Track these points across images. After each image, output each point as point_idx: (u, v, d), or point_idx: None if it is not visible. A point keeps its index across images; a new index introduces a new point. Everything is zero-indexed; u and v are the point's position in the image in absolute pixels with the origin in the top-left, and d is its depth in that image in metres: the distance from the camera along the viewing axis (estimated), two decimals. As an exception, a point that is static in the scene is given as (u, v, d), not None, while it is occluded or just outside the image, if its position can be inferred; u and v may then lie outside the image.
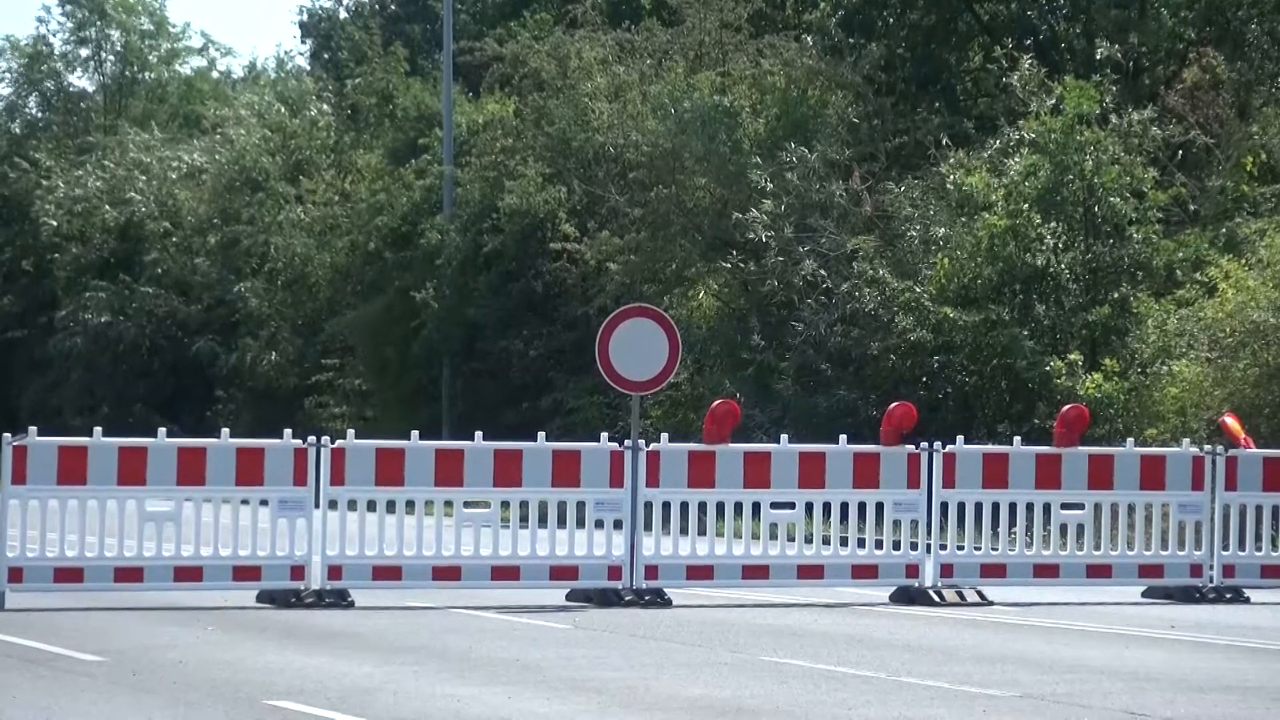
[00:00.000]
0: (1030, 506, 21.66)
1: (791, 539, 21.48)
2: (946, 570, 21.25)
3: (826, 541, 21.56)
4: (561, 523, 20.67)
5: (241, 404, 51.65)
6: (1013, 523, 21.61)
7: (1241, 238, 32.49)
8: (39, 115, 72.71)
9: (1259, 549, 22.05)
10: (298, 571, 19.57)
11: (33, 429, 20.03)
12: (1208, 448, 22.49)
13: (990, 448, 22.28)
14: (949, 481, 21.33)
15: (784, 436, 22.31)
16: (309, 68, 68.27)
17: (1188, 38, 39.93)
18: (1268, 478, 22.18)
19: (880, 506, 21.34)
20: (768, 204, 36.55)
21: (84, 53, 73.80)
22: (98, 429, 20.49)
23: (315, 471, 19.74)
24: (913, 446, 21.39)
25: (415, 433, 21.78)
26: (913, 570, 21.18)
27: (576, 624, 18.57)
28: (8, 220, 66.58)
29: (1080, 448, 22.28)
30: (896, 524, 21.37)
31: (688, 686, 14.13)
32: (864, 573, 21.34)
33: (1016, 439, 23.06)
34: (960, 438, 22.17)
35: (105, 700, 13.26)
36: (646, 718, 12.55)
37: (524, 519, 20.55)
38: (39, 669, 14.68)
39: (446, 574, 20.29)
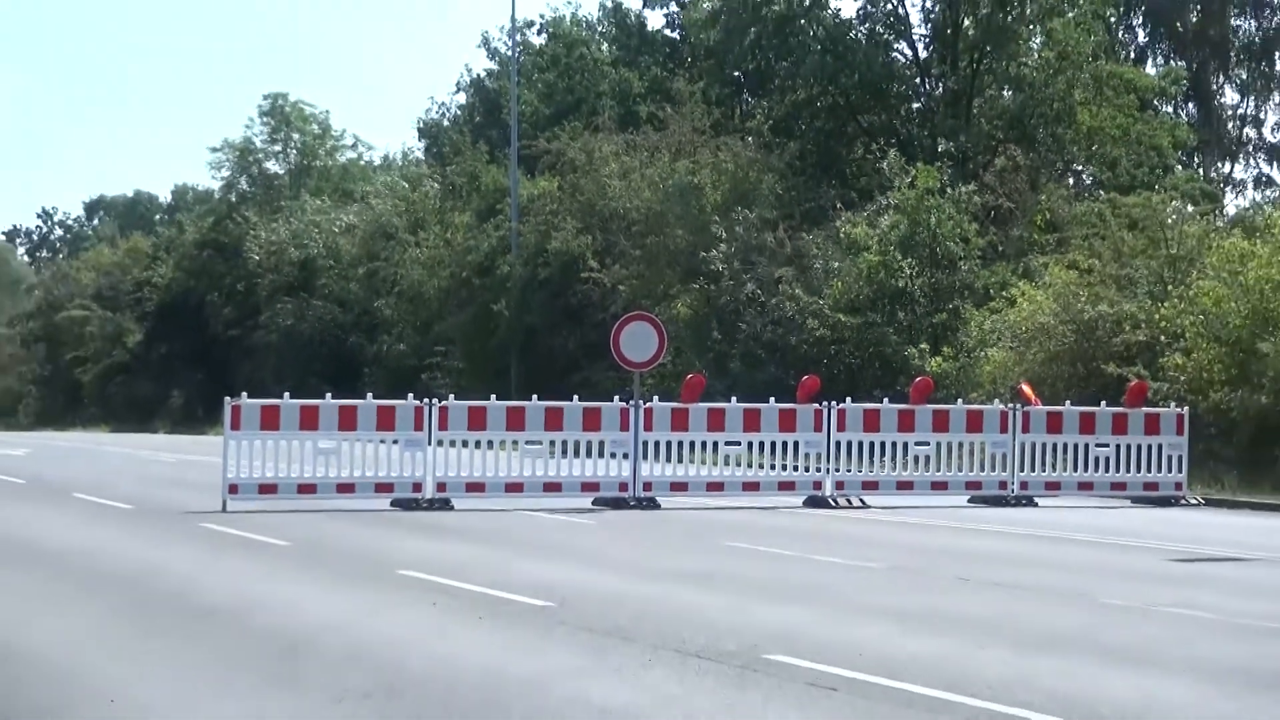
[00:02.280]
0: (895, 444, 21.63)
1: (739, 464, 21.52)
2: (840, 485, 21.18)
3: (762, 466, 21.56)
4: (589, 454, 20.64)
5: (379, 378, 51.55)
6: (883, 454, 21.60)
7: (1033, 269, 32.46)
8: (247, 189, 72.64)
9: (1044, 471, 22.08)
10: (417, 486, 19.59)
11: (244, 394, 20.13)
12: (1010, 405, 22.55)
13: (868, 405, 22.27)
14: (841, 427, 21.29)
15: (734, 398, 22.31)
16: (423, 157, 68.10)
17: (998, 138, 39.85)
18: (1049, 425, 22.20)
19: (796, 444, 21.33)
20: (723, 247, 36.48)
21: (276, 148, 73.77)
22: (286, 394, 20.60)
23: (428, 421, 19.76)
24: (817, 405, 21.43)
25: (493, 396, 21.88)
26: (818, 485, 21.19)
27: (599, 521, 18.60)
28: (228, 256, 66.58)
29: (927, 405, 22.33)
30: (807, 455, 21.41)
31: (672, 561, 14.19)
32: (786, 487, 21.26)
33: (885, 399, 23.09)
34: (848, 399, 22.16)
35: (288, 569, 13.33)
36: (647, 581, 12.58)
37: (565, 451, 20.61)
38: (247, 549, 14.78)
39: (514, 487, 20.30)
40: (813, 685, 8.09)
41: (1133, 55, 47.70)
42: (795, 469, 21.48)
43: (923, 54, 42.95)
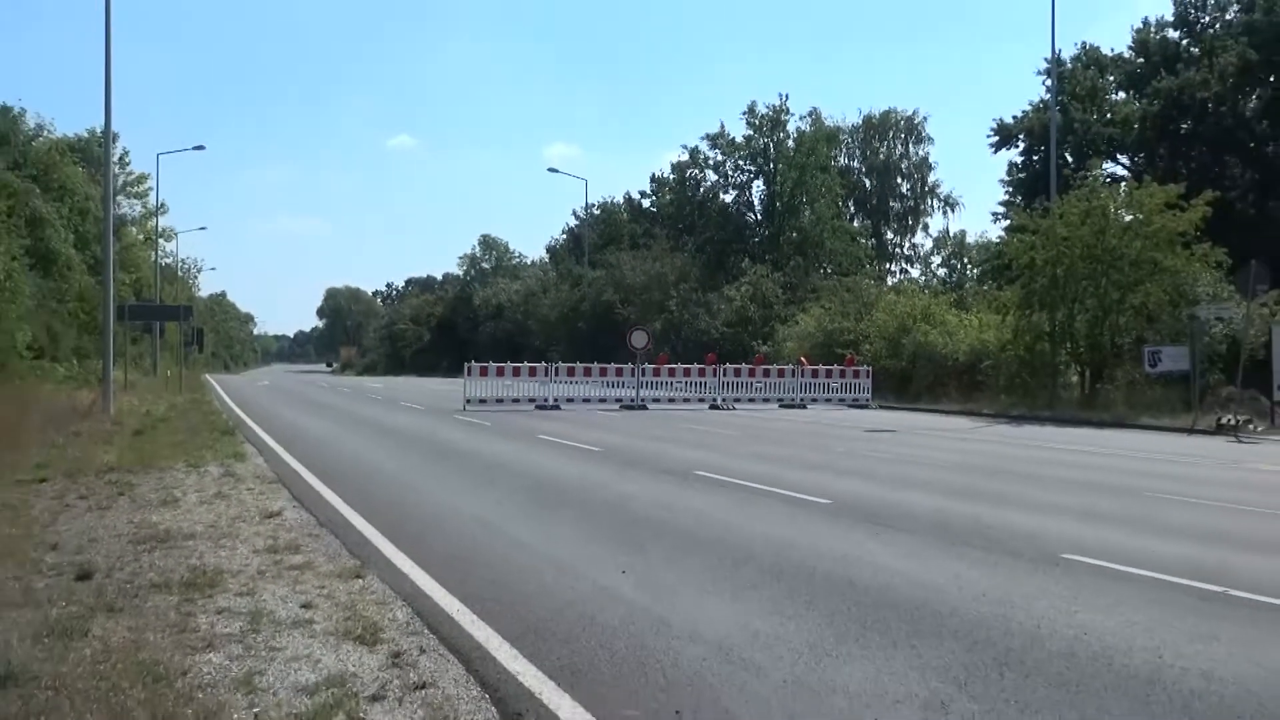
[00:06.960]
0: (748, 383, 21.44)
1: (682, 391, 21.32)
2: (724, 400, 20.96)
3: (691, 391, 21.45)
4: (618, 386, 20.50)
5: (529, 356, 50.73)
6: (742, 387, 21.36)
7: (806, 308, 32.02)
8: (474, 274, 71.94)
9: (810, 393, 21.87)
10: (545, 400, 19.39)
11: (473, 361, 19.93)
12: (796, 366, 22.37)
13: (737, 365, 22.07)
14: (725, 375, 21.18)
15: (679, 364, 22.16)
16: (549, 261, 67.32)
17: (790, 253, 39.43)
18: (813, 374, 22.05)
19: (706, 383, 21.18)
20: (675, 300, 36.26)
21: (486, 257, 73.21)
22: (490, 361, 20.40)
23: (552, 372, 19.65)
24: (715, 366, 21.28)
25: (578, 362, 21.69)
26: (714, 401, 21.03)
27: (622, 414, 18.26)
28: (466, 302, 65.82)
29: (762, 366, 22.18)
30: (710, 388, 21.22)
31: (653, 432, 13.91)
32: (701, 401, 21.11)
33: (744, 364, 22.91)
34: (728, 364, 22.03)
35: (491, 435, 13.02)
36: (643, 440, 12.36)
37: (608, 385, 20.47)
38: (472, 428, 14.40)
39: (586, 400, 20.12)
40: (713, 484, 8.05)
41: (849, 217, 47.54)
42: (705, 393, 21.30)
43: (760, 217, 42.81)
